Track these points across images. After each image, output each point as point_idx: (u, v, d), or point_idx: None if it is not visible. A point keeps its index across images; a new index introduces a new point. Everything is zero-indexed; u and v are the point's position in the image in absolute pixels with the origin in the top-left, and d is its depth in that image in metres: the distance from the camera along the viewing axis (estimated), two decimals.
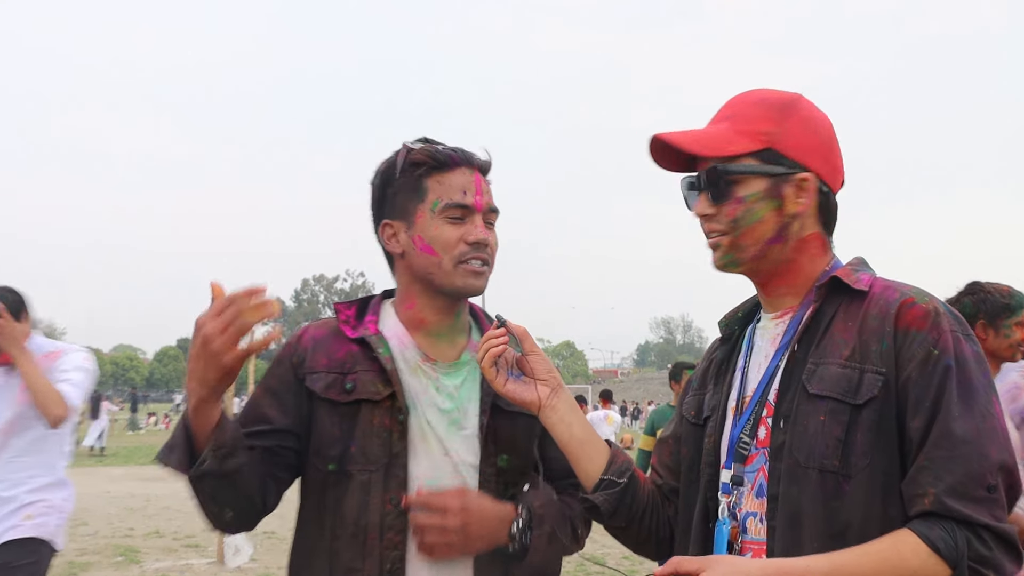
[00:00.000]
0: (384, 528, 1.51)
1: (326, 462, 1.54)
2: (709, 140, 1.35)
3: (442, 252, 1.56)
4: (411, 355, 1.61)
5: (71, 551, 7.98)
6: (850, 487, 1.21)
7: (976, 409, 1.20)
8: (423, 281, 1.61)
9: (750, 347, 1.42)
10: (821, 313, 1.32)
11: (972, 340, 1.26)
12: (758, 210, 1.32)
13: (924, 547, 1.14)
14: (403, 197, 1.60)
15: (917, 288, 1.31)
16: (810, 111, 1.37)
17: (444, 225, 1.56)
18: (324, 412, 1.55)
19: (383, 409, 1.54)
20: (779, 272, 1.37)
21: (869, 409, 1.22)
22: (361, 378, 1.55)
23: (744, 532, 1.31)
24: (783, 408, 1.29)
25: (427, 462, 1.55)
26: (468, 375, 1.63)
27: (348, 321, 1.63)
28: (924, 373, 1.21)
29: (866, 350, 1.25)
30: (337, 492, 1.53)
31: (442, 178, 1.57)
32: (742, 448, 1.33)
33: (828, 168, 1.36)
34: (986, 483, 1.16)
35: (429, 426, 1.57)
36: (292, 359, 1.59)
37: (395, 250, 1.62)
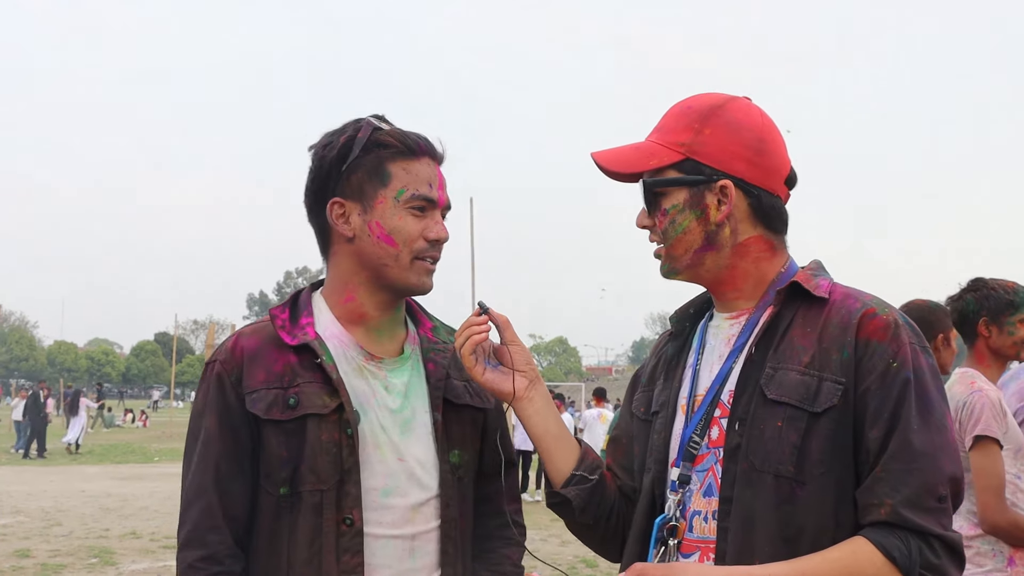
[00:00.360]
0: (340, 550, 1.43)
1: (277, 486, 1.46)
2: (631, 156, 1.39)
3: (401, 244, 1.49)
4: (353, 355, 1.53)
5: (44, 552, 7.83)
6: (804, 493, 1.24)
7: (933, 422, 1.24)
8: (372, 271, 1.52)
9: (702, 345, 1.43)
10: (779, 317, 1.34)
11: (928, 353, 1.29)
12: (681, 221, 1.36)
13: (880, 556, 1.18)
14: (361, 177, 1.50)
15: (877, 298, 1.33)
16: (735, 115, 1.37)
17: (407, 216, 1.49)
18: (269, 433, 1.46)
19: (330, 423, 1.45)
20: (723, 279, 1.39)
21: (827, 418, 1.25)
22: (304, 391, 1.46)
23: (691, 530, 1.33)
24: (739, 410, 1.30)
25: (382, 472, 1.49)
26: (412, 370, 1.57)
27: (284, 326, 1.51)
28: (883, 385, 1.24)
29: (826, 358, 1.27)
30: (291, 516, 1.45)
31: (408, 166, 1.50)
32: (692, 447, 1.35)
33: (756, 171, 1.36)
34: (938, 494, 1.21)
35: (382, 431, 1.50)
36: (230, 378, 1.48)
37: (345, 232, 1.52)
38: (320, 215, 1.54)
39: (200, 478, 1.46)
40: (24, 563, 7.39)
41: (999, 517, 2.49)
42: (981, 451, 2.53)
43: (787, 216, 1.41)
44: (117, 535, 8.89)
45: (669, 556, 1.33)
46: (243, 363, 1.48)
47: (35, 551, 7.92)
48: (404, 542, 1.49)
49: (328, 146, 1.53)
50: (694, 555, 1.32)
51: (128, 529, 9.26)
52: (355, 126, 1.53)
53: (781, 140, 1.41)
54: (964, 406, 2.58)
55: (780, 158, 1.39)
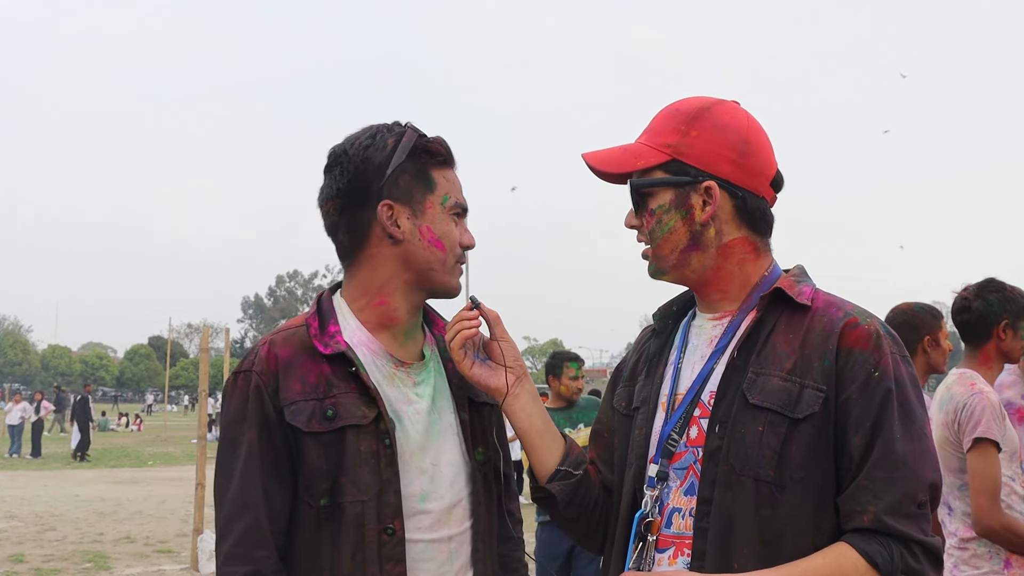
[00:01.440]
0: (383, 559, 1.43)
1: (317, 497, 1.44)
2: (619, 157, 1.42)
3: (449, 249, 1.54)
4: (383, 363, 1.53)
5: (38, 557, 7.81)
6: (783, 497, 1.26)
7: (914, 431, 1.27)
8: (417, 273, 1.53)
9: (684, 343, 1.45)
10: (762, 322, 1.35)
11: (909, 363, 1.32)
12: (667, 221, 1.38)
13: (863, 562, 1.21)
14: (409, 181, 1.52)
15: (859, 307, 1.35)
16: (722, 117, 1.39)
17: (451, 222, 1.54)
18: (308, 445, 1.44)
19: (369, 433, 1.45)
20: (708, 279, 1.41)
21: (807, 424, 1.27)
22: (341, 401, 1.45)
23: (668, 526, 1.35)
24: (720, 413, 1.32)
25: (419, 480, 1.49)
26: (435, 372, 1.59)
27: (317, 335, 1.50)
28: (865, 394, 1.26)
29: (808, 365, 1.29)
30: (331, 528, 1.44)
31: (446, 173, 1.55)
32: (670, 444, 1.36)
33: (741, 172, 1.38)
34: (918, 501, 1.24)
35: (417, 437, 1.51)
36: (268, 389, 1.45)
37: (396, 235, 1.51)
38: (358, 215, 1.52)
39: (245, 491, 1.43)
40: (18, 568, 7.37)
41: (992, 520, 2.50)
42: (979, 453, 2.53)
43: (772, 218, 1.42)
44: (111, 539, 8.87)
45: (647, 551, 1.35)
46: (279, 373, 1.46)
47: (29, 556, 7.90)
48: (443, 544, 1.51)
49: (371, 147, 1.52)
50: (669, 550, 1.34)
51: (122, 533, 9.24)
52: (398, 131, 1.54)
53: (767, 142, 1.42)
54: (964, 407, 2.58)
55: (765, 160, 1.40)
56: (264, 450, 1.44)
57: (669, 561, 1.34)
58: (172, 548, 8.41)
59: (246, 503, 1.43)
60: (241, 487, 1.44)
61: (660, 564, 1.34)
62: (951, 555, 2.73)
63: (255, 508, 1.42)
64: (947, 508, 2.75)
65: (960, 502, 2.67)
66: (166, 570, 7.44)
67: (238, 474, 1.44)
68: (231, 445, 1.46)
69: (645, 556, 1.35)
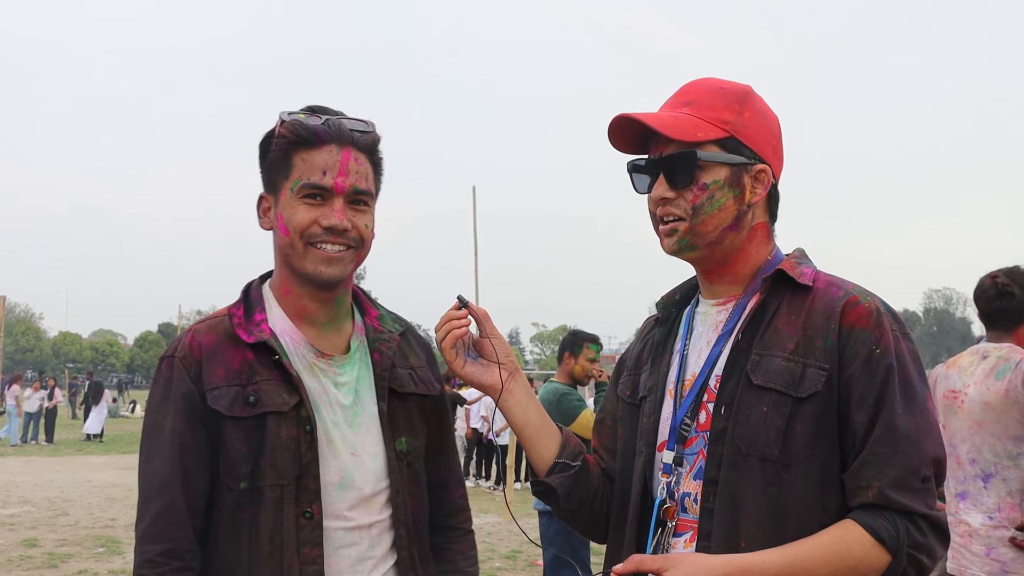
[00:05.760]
0: (300, 543, 1.46)
1: (237, 480, 1.47)
2: (677, 124, 1.36)
3: (293, 233, 1.49)
4: (304, 353, 1.55)
5: (51, 542, 7.87)
6: (789, 476, 1.27)
7: (916, 406, 1.27)
8: (284, 261, 1.55)
9: (689, 331, 1.46)
10: (765, 305, 1.36)
11: (909, 339, 1.33)
12: (720, 198, 1.35)
13: (868, 537, 1.22)
14: (272, 171, 1.54)
15: (859, 286, 1.36)
16: (761, 103, 1.41)
17: (300, 205, 1.49)
18: (230, 429, 1.47)
19: (289, 419, 1.48)
20: (729, 259, 1.41)
21: (811, 403, 1.28)
22: (263, 388, 1.48)
23: (683, 511, 1.36)
24: (725, 395, 1.33)
25: (336, 467, 1.52)
26: (360, 363, 1.60)
27: (241, 323, 1.52)
28: (867, 371, 1.27)
29: (810, 345, 1.30)
30: (251, 510, 1.47)
31: (307, 155, 1.49)
32: (684, 430, 1.37)
33: (777, 160, 1.41)
34: (922, 475, 1.25)
35: (335, 427, 1.53)
36: (191, 374, 1.48)
37: (264, 226, 1.56)
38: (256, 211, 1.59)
39: (163, 472, 1.46)
40: (32, 552, 7.43)
41: None
42: None
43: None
44: (123, 524, 8.92)
45: (665, 537, 1.35)
46: (202, 360, 1.49)
47: (42, 540, 7.96)
48: (362, 532, 1.53)
49: (259, 144, 1.56)
50: (686, 535, 1.35)
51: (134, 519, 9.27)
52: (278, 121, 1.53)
53: None
54: None
55: (783, 150, 1.45)
56: (184, 433, 1.47)
57: (685, 545, 1.34)
58: None
59: (163, 484, 1.46)
60: (159, 469, 1.47)
61: (676, 548, 1.35)
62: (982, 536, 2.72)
63: (171, 488, 1.45)
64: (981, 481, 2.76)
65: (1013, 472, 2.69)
66: None
67: (157, 456, 1.47)
68: (153, 428, 1.49)
69: (662, 541, 1.35)
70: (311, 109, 1.54)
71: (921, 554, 1.24)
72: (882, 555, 1.22)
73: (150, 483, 1.47)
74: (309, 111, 1.53)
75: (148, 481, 1.48)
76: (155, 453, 1.48)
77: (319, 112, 1.53)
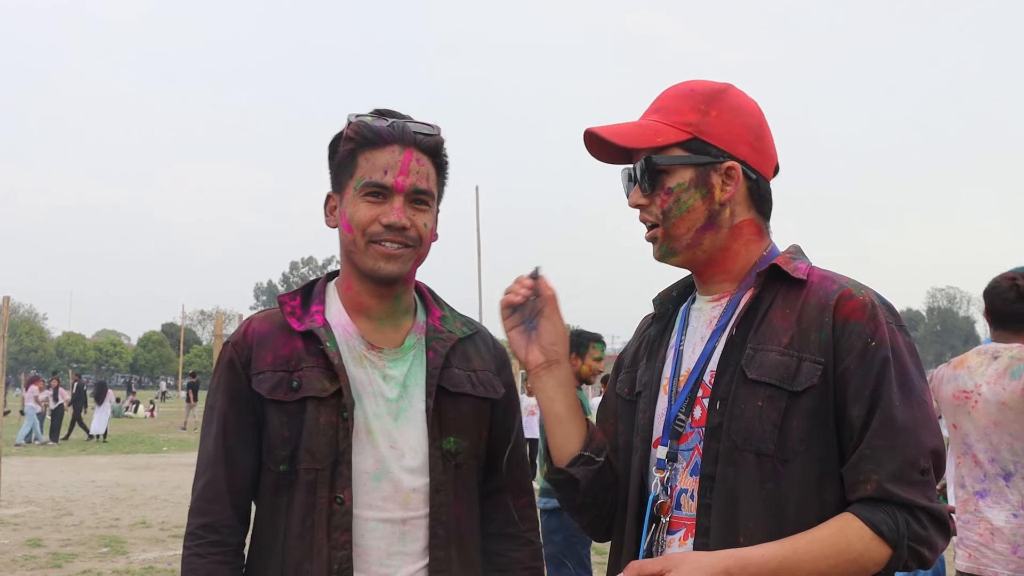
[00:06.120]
0: (331, 527, 1.50)
1: (277, 463, 1.54)
2: (638, 132, 1.38)
3: (356, 230, 1.55)
4: (355, 344, 1.59)
5: (55, 542, 7.88)
6: (786, 470, 1.27)
7: (913, 398, 1.26)
8: (347, 258, 1.60)
9: (684, 326, 1.45)
10: (759, 299, 1.36)
11: (905, 331, 1.32)
12: (686, 199, 1.36)
13: (868, 531, 1.21)
14: (339, 171, 1.59)
15: (853, 280, 1.35)
16: (737, 100, 1.40)
17: (362, 203, 1.54)
18: (272, 413, 1.54)
19: (329, 406, 1.53)
20: (716, 259, 1.41)
21: (807, 397, 1.27)
22: (307, 375, 1.54)
23: (678, 508, 1.35)
24: (720, 390, 1.33)
25: (373, 457, 1.55)
26: (414, 359, 1.61)
27: (294, 313, 1.59)
28: (863, 363, 1.26)
29: (805, 339, 1.29)
30: (288, 493, 1.53)
31: (370, 155, 1.55)
32: (678, 426, 1.37)
33: (756, 155, 1.39)
34: (920, 467, 1.24)
35: (375, 419, 1.56)
36: (240, 359, 1.57)
37: (330, 224, 1.62)
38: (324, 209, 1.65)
39: (209, 452, 1.57)
40: (36, 552, 7.44)
41: None
42: None
43: (772, 202, 1.44)
44: (127, 524, 8.94)
45: (660, 533, 1.35)
46: (253, 346, 1.57)
47: (47, 540, 7.97)
48: (394, 526, 1.54)
49: (331, 144, 1.62)
50: (679, 532, 1.34)
51: (138, 519, 9.32)
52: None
53: (770, 130, 1.44)
54: None
55: (773, 146, 1.44)
56: (229, 415, 1.56)
57: (679, 543, 1.34)
58: None
59: (208, 462, 1.57)
60: (207, 448, 1.58)
61: (670, 546, 1.34)
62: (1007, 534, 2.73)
63: (215, 467, 1.55)
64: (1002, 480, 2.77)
65: None
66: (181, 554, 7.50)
67: (207, 436, 1.59)
68: (208, 410, 1.60)
69: (656, 538, 1.35)
70: (378, 112, 1.59)
71: (922, 547, 1.23)
72: (882, 548, 1.22)
73: (200, 461, 1.59)
74: (376, 114, 1.58)
75: (199, 459, 1.59)
76: (207, 433, 1.59)
77: (386, 115, 1.58)
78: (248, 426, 1.55)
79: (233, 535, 1.55)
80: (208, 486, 1.55)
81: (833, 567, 1.21)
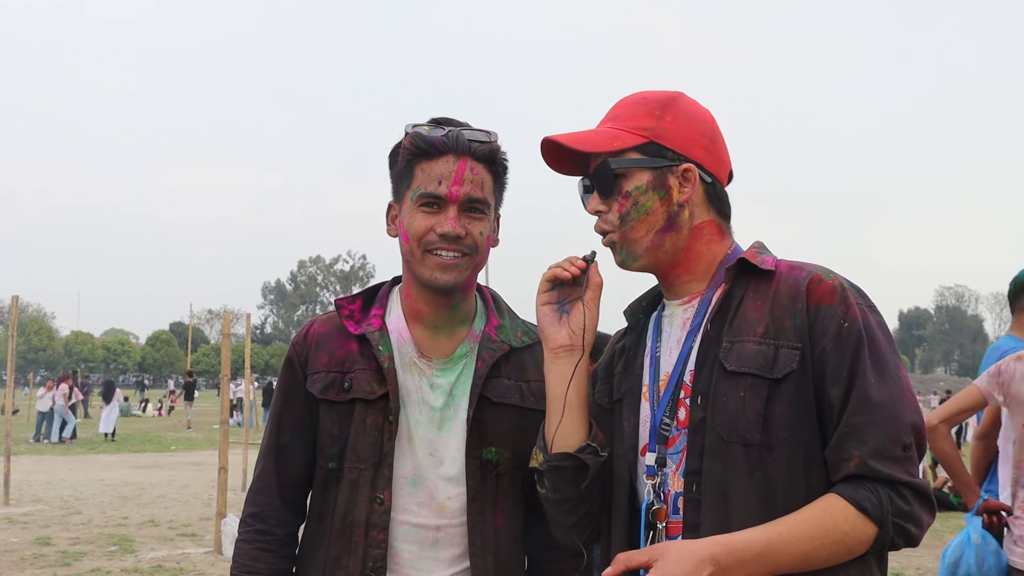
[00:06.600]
0: (369, 526, 1.55)
1: (327, 460, 1.60)
2: (594, 138, 1.41)
3: (412, 240, 1.57)
4: (407, 351, 1.62)
5: (64, 540, 7.92)
6: (773, 458, 1.27)
7: (888, 375, 1.28)
8: (406, 267, 1.63)
9: (658, 333, 1.46)
10: (731, 294, 1.37)
11: (876, 311, 1.34)
12: (645, 202, 1.38)
13: (852, 510, 1.22)
14: (398, 181, 1.62)
15: (820, 266, 1.37)
16: (690, 106, 1.44)
17: (418, 214, 1.56)
18: (324, 411, 1.60)
19: (376, 409, 1.57)
20: (678, 260, 1.42)
21: (787, 383, 1.28)
22: (358, 377, 1.59)
23: (674, 512, 1.34)
24: (700, 386, 1.34)
25: (411, 463, 1.58)
26: (464, 368, 1.63)
27: (352, 316, 1.65)
28: (838, 345, 1.28)
29: (780, 327, 1.31)
30: (335, 489, 1.59)
31: (426, 166, 1.57)
32: (664, 430, 1.37)
33: (711, 159, 1.42)
34: (902, 443, 1.25)
35: (417, 425, 1.59)
36: (299, 359, 1.65)
37: (391, 233, 1.65)
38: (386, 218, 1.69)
39: (264, 446, 1.67)
40: (45, 550, 7.48)
41: None
42: None
43: (731, 205, 1.47)
44: (135, 523, 8.97)
45: (658, 539, 1.34)
46: (312, 346, 1.64)
47: (55, 539, 8.01)
48: (427, 532, 1.57)
49: (391, 154, 1.64)
50: (679, 536, 1.33)
51: (146, 517, 9.35)
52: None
53: (723, 137, 1.47)
54: None
55: (726, 152, 1.47)
56: (284, 411, 1.65)
57: None
58: (196, 532, 8.51)
59: (262, 455, 1.67)
60: (264, 442, 1.67)
61: None
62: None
63: (266, 460, 1.65)
64: None
65: None
66: (190, 553, 7.53)
67: (267, 431, 1.68)
68: (271, 408, 1.69)
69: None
70: (435, 121, 1.60)
71: (908, 523, 1.23)
72: (867, 526, 1.22)
73: (259, 453, 1.67)
74: (434, 123, 1.59)
75: (259, 451, 1.68)
76: (267, 428, 1.67)
77: (443, 123, 1.59)
78: (302, 423, 1.62)
79: (280, 525, 1.63)
80: (260, 478, 1.65)
81: (819, 548, 1.21)
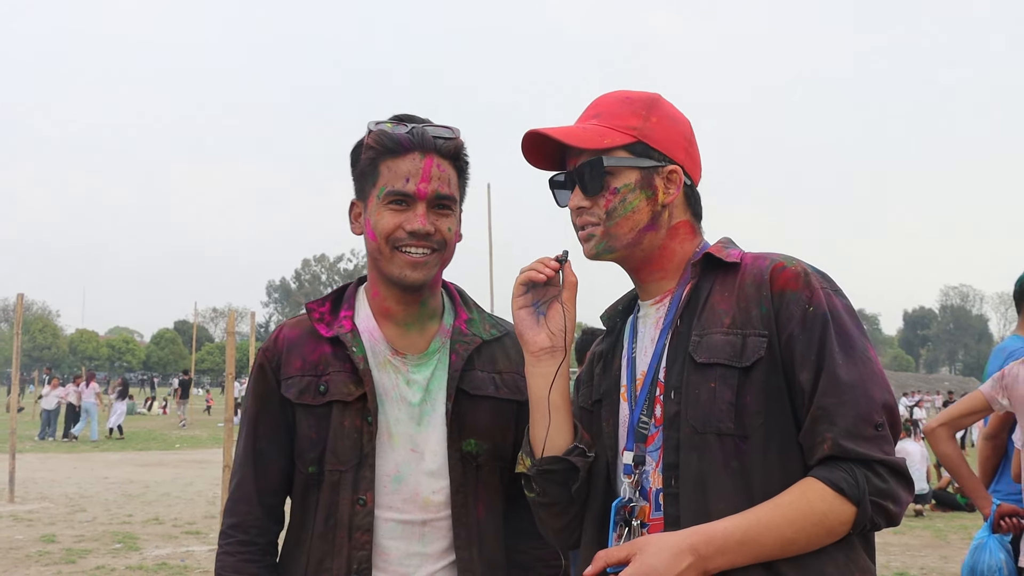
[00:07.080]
0: (353, 527, 1.55)
1: (306, 465, 1.59)
2: (583, 134, 1.41)
3: (380, 238, 1.57)
4: (381, 349, 1.62)
5: (69, 538, 7.95)
6: (748, 447, 1.28)
7: (856, 356, 1.28)
8: (374, 264, 1.62)
9: (633, 335, 1.48)
10: (699, 289, 1.39)
11: (841, 295, 1.35)
12: (632, 200, 1.40)
13: (829, 491, 1.22)
14: (362, 179, 1.61)
15: (784, 254, 1.38)
16: (671, 109, 1.46)
17: (385, 211, 1.56)
18: (301, 416, 1.59)
19: (354, 410, 1.57)
20: (652, 258, 1.44)
21: (757, 371, 1.29)
22: (333, 379, 1.58)
23: (658, 509, 1.34)
24: (672, 380, 1.35)
25: (393, 460, 1.58)
26: (438, 363, 1.63)
27: (323, 319, 1.63)
28: (804, 329, 1.29)
29: (746, 316, 1.32)
30: (316, 493, 1.58)
31: (392, 163, 1.56)
32: (642, 428, 1.38)
33: (690, 161, 1.46)
34: (874, 422, 1.25)
35: (397, 423, 1.59)
36: (271, 365, 1.63)
37: (355, 231, 1.64)
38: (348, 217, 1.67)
39: (240, 454, 1.64)
40: (50, 548, 7.50)
41: None
42: None
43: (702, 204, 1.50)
44: (140, 521, 9.00)
45: (633, 536, 1.34)
46: (283, 352, 1.62)
47: (60, 536, 8.04)
48: (413, 527, 1.57)
49: (352, 152, 1.64)
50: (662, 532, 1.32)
51: (151, 515, 9.38)
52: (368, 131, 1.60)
53: None
54: None
55: (699, 154, 1.50)
56: (259, 419, 1.63)
57: None
58: (200, 530, 8.52)
59: (239, 465, 1.64)
60: (239, 450, 1.65)
61: None
62: None
63: (244, 468, 1.63)
64: None
65: None
66: (194, 551, 7.54)
67: (240, 439, 1.66)
68: (243, 415, 1.66)
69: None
70: (398, 118, 1.60)
71: (886, 500, 1.23)
72: (845, 507, 1.22)
73: (234, 463, 1.65)
74: (396, 120, 1.59)
75: (234, 461, 1.66)
76: (240, 436, 1.66)
77: (405, 121, 1.59)
78: (278, 429, 1.61)
79: (262, 534, 1.61)
80: (238, 487, 1.62)
81: (799, 531, 1.22)
